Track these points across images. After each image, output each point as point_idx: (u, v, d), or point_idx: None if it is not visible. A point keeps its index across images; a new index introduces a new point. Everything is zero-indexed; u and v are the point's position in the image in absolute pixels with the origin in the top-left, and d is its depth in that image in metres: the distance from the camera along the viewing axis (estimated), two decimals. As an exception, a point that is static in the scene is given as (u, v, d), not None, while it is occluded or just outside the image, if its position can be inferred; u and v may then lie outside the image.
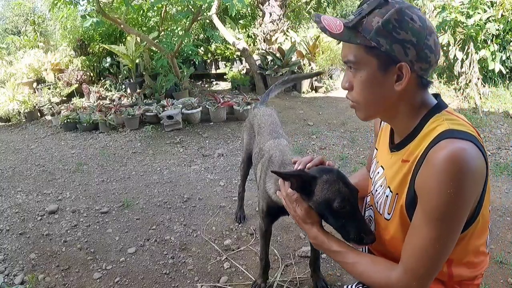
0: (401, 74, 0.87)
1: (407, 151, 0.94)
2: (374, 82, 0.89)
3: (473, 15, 5.32)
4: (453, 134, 0.83)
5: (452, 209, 0.82)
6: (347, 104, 5.19)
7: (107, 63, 7.04)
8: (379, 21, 0.84)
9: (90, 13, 5.28)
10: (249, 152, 2.13)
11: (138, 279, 2.01)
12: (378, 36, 0.84)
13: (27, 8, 11.31)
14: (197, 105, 5.11)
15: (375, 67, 0.88)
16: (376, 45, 0.85)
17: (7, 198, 3.12)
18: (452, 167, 0.79)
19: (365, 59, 0.88)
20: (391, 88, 0.89)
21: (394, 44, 0.84)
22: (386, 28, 0.84)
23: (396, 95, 0.90)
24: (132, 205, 2.84)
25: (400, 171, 0.94)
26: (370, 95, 0.92)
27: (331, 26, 0.89)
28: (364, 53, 0.88)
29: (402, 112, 0.94)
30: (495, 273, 1.92)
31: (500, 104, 5.03)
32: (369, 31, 0.85)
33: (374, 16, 0.86)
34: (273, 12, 7.10)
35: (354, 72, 0.92)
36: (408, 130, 0.95)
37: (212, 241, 2.30)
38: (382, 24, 0.84)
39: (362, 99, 0.93)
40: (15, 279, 2.05)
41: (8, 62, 7.40)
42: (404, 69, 0.85)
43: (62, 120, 5.05)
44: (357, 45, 0.87)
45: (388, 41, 0.84)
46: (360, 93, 0.92)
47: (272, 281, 1.92)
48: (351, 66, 0.91)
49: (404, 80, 0.87)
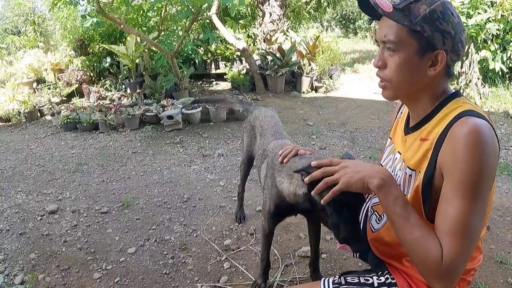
0: (435, 61, 0.94)
1: (424, 130, 0.99)
2: (411, 65, 0.95)
3: (474, 15, 5.33)
4: (473, 113, 0.91)
5: (480, 178, 0.86)
6: (347, 104, 5.21)
7: (107, 63, 7.04)
8: (427, 9, 0.91)
9: (90, 13, 5.28)
10: (249, 153, 2.12)
11: (138, 279, 2.01)
12: (423, 22, 0.91)
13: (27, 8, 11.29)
14: (197, 105, 5.11)
15: (414, 50, 0.94)
16: (421, 30, 0.91)
17: (7, 198, 3.12)
18: (476, 138, 0.85)
19: (407, 41, 0.94)
20: (424, 72, 0.96)
21: (436, 32, 0.92)
22: (432, 17, 0.91)
23: (426, 80, 0.97)
24: (132, 205, 2.84)
25: (420, 149, 0.98)
26: (403, 76, 0.97)
27: (383, 4, 0.94)
28: (406, 35, 0.94)
29: (426, 96, 1.00)
30: (495, 273, 1.92)
31: (500, 104, 5.03)
32: (415, 16, 0.92)
33: (422, 4, 0.93)
34: (273, 12, 7.10)
35: (391, 52, 0.96)
36: (425, 112, 1.01)
37: (212, 241, 2.30)
38: (429, 12, 0.91)
39: (395, 79, 0.98)
40: (15, 279, 2.04)
41: (8, 62, 7.40)
42: (441, 56, 0.93)
43: (62, 120, 5.05)
44: (401, 27, 0.93)
45: (432, 28, 0.91)
46: (395, 73, 0.98)
47: (272, 281, 1.92)
48: (390, 46, 0.96)
49: (439, 67, 0.94)
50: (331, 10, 12.19)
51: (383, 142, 4.03)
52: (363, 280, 1.11)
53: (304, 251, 2.10)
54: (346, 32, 19.06)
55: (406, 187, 1.04)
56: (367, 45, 13.93)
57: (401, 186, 1.05)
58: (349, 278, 1.12)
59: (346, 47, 12.17)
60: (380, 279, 1.12)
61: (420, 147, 0.98)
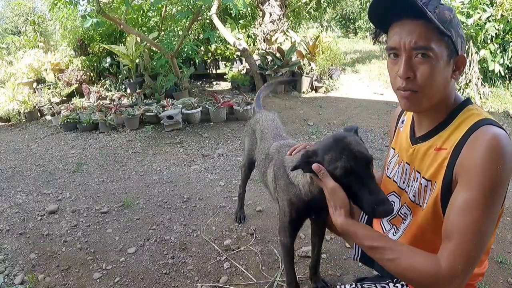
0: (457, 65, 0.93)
1: (439, 139, 0.96)
2: (444, 71, 0.92)
3: (473, 15, 5.32)
4: (491, 122, 0.89)
5: (498, 187, 0.85)
6: (347, 104, 5.20)
7: (107, 63, 7.04)
8: (450, 15, 0.89)
9: (90, 13, 5.27)
10: (250, 157, 2.12)
11: (138, 279, 2.01)
12: (450, 27, 0.89)
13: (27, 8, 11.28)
14: (197, 105, 5.11)
15: (446, 55, 0.91)
16: (450, 34, 0.89)
17: (7, 198, 3.12)
18: (496, 148, 0.84)
19: (441, 47, 0.90)
20: (449, 78, 0.94)
21: (458, 37, 0.91)
22: (456, 21, 0.91)
23: (448, 85, 0.95)
24: (132, 205, 2.84)
25: (435, 159, 0.96)
26: (437, 84, 0.92)
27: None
28: (439, 40, 0.89)
29: (442, 104, 0.97)
30: (495, 273, 1.92)
31: (500, 104, 5.03)
32: (445, 21, 0.88)
33: (444, 10, 0.90)
34: (273, 12, 7.10)
35: (423, 58, 0.89)
36: (438, 120, 0.99)
37: (212, 241, 2.30)
38: (453, 17, 0.90)
39: (428, 88, 0.92)
40: (15, 279, 2.04)
41: (8, 62, 7.40)
42: (462, 60, 0.93)
43: (62, 120, 5.05)
44: (432, 32, 0.87)
45: (456, 33, 0.90)
46: (428, 81, 0.91)
47: (272, 281, 1.92)
48: (424, 52, 0.89)
49: (461, 70, 0.94)
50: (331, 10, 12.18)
51: (383, 142, 4.03)
52: (380, 287, 1.11)
53: (304, 251, 2.10)
54: (346, 32, 19.04)
55: (422, 198, 1.01)
56: (367, 45, 13.92)
57: (416, 197, 1.03)
58: (365, 286, 1.12)
59: (346, 47, 12.17)
60: (397, 286, 1.11)
61: (435, 157, 0.95)
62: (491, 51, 5.38)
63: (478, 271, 1.03)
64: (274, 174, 1.54)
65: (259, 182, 3.06)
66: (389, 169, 1.19)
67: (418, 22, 0.88)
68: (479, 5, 5.33)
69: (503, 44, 5.44)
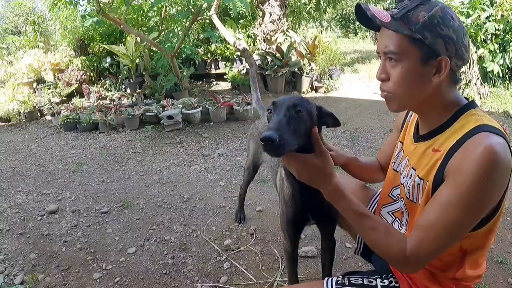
0: (439, 68, 0.92)
1: (437, 141, 0.97)
2: (415, 74, 0.93)
3: (473, 14, 5.33)
4: (490, 129, 0.88)
5: (482, 195, 0.85)
6: (347, 104, 5.21)
7: (107, 63, 7.04)
8: (425, 16, 0.89)
9: (90, 13, 5.28)
10: (255, 161, 2.10)
11: (138, 279, 2.01)
12: (424, 29, 0.89)
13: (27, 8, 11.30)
14: (197, 105, 5.11)
15: (417, 59, 0.91)
16: (422, 37, 0.89)
17: (7, 198, 3.12)
18: (490, 157, 0.82)
19: (408, 50, 0.91)
20: (429, 81, 0.93)
21: (437, 38, 0.89)
22: (432, 23, 0.89)
23: (431, 88, 0.94)
24: (132, 205, 2.84)
25: (431, 159, 0.97)
26: (408, 86, 0.94)
27: (380, 15, 0.92)
28: (407, 44, 0.91)
29: (434, 105, 0.98)
30: (495, 273, 1.92)
31: (500, 104, 5.03)
32: (415, 24, 0.89)
33: (420, 11, 0.90)
34: (273, 12, 7.11)
35: (393, 63, 0.94)
36: (439, 122, 0.99)
37: (212, 241, 2.30)
38: (429, 18, 0.89)
39: (399, 90, 0.95)
40: (15, 279, 2.04)
41: (8, 62, 7.40)
42: (444, 62, 0.90)
43: (62, 120, 5.05)
44: (401, 36, 0.91)
45: (433, 35, 0.89)
46: (399, 84, 0.94)
47: (272, 281, 1.92)
48: (392, 57, 0.93)
49: (443, 74, 0.91)
50: (331, 10, 12.18)
51: (383, 142, 4.03)
52: (367, 281, 1.11)
53: (304, 251, 2.10)
54: (346, 32, 19.04)
55: (415, 195, 1.03)
56: (367, 45, 13.93)
57: (410, 193, 1.05)
58: (352, 279, 1.12)
59: (346, 47, 12.18)
60: (384, 282, 1.11)
61: (431, 158, 0.97)
62: (491, 51, 5.38)
63: (475, 273, 1.02)
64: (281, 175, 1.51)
65: (259, 182, 3.06)
66: (396, 163, 1.20)
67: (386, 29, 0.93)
68: (479, 5, 5.34)
69: (503, 44, 5.44)
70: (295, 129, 0.98)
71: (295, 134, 0.97)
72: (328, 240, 1.54)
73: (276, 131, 0.90)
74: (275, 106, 1.02)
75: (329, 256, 1.57)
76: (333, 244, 1.55)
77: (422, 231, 0.91)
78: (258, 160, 2.08)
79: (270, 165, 1.86)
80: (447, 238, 0.89)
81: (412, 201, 1.05)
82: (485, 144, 0.84)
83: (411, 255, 0.90)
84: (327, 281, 1.12)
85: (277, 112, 0.99)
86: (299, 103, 1.02)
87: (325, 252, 1.58)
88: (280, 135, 0.90)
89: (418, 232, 0.91)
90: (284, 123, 0.96)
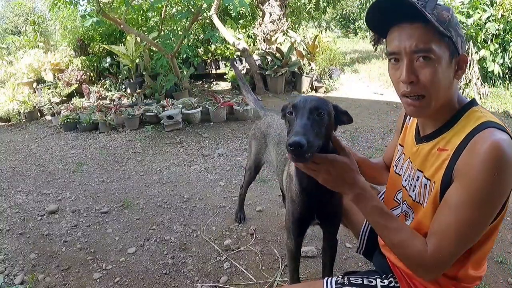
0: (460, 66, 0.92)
1: (443, 139, 0.97)
2: (446, 72, 0.90)
3: (473, 15, 5.33)
4: (494, 125, 0.88)
5: (493, 194, 0.85)
6: (347, 104, 5.20)
7: (107, 63, 7.04)
8: (448, 15, 0.88)
9: (90, 13, 5.27)
10: (257, 161, 2.10)
11: (138, 279, 2.01)
12: (450, 27, 0.88)
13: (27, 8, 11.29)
14: (197, 105, 5.11)
15: (448, 56, 0.90)
16: (450, 35, 0.88)
17: (7, 198, 3.12)
18: (497, 154, 0.82)
19: (442, 48, 0.88)
20: (452, 78, 0.93)
21: (458, 37, 0.90)
22: (454, 21, 0.90)
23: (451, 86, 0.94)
24: (132, 205, 2.84)
25: (437, 159, 0.96)
26: (441, 85, 0.91)
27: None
28: (439, 41, 0.88)
29: (445, 105, 0.96)
30: (495, 273, 1.92)
31: (500, 104, 5.03)
32: (443, 22, 0.87)
33: (442, 10, 0.89)
34: (273, 12, 7.11)
35: (425, 61, 0.88)
36: (442, 121, 0.98)
37: (212, 241, 2.30)
38: (452, 17, 0.89)
39: (433, 90, 0.90)
40: (15, 279, 2.04)
41: (8, 62, 7.39)
42: (465, 60, 0.92)
43: (62, 120, 5.05)
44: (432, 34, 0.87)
45: (456, 33, 0.89)
46: (433, 83, 0.89)
47: (272, 281, 1.92)
48: (425, 55, 0.88)
49: (463, 71, 0.92)
50: (331, 10, 12.18)
51: (383, 142, 4.03)
52: (367, 281, 1.11)
53: (304, 251, 2.10)
54: (346, 32, 19.05)
55: (422, 197, 1.02)
56: (367, 45, 13.91)
57: (416, 195, 1.04)
58: (352, 279, 1.11)
59: (346, 47, 12.18)
60: (384, 282, 1.11)
61: (438, 157, 0.96)
62: (491, 51, 5.38)
63: (476, 274, 1.02)
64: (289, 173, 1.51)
65: (259, 182, 3.06)
66: (398, 166, 1.19)
67: (417, 25, 0.87)
68: (479, 5, 5.34)
69: (503, 44, 5.44)
70: (317, 131, 0.98)
71: (318, 136, 0.97)
72: (330, 241, 1.54)
73: (303, 136, 0.90)
74: (297, 108, 1.02)
75: (330, 256, 1.57)
76: (335, 244, 1.55)
77: (438, 236, 0.90)
78: (260, 161, 2.08)
79: (274, 164, 1.85)
80: (464, 239, 0.89)
81: (419, 203, 1.04)
82: (491, 141, 0.83)
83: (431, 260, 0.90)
84: (327, 281, 1.12)
85: (300, 116, 0.99)
86: (321, 105, 1.02)
87: (326, 252, 1.57)
88: (308, 140, 0.90)
89: (434, 238, 0.91)
90: (309, 127, 0.96)
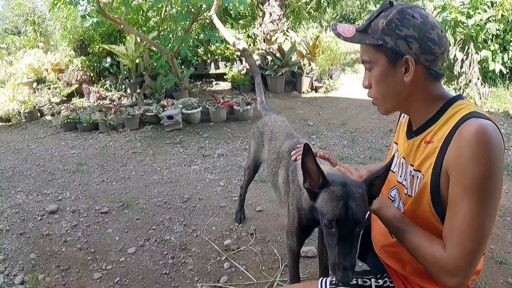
0: (408, 67, 0.95)
1: (429, 133, 0.99)
2: (387, 77, 0.99)
3: (474, 15, 5.32)
4: (478, 115, 0.91)
5: (489, 178, 0.86)
6: (347, 104, 5.22)
7: (107, 63, 7.03)
8: (383, 22, 0.96)
9: (90, 13, 5.27)
10: (256, 160, 2.10)
11: (138, 279, 2.01)
12: (384, 35, 0.95)
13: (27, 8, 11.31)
14: (197, 105, 5.11)
15: (385, 63, 0.98)
16: (383, 42, 0.95)
17: (7, 198, 3.12)
18: (483, 138, 0.85)
19: (376, 57, 0.98)
20: (402, 81, 0.97)
21: (398, 40, 0.94)
22: (390, 27, 0.95)
23: (407, 87, 0.98)
24: (132, 205, 2.84)
25: (424, 151, 0.99)
26: (384, 89, 1.01)
27: (344, 31, 1.01)
28: (374, 51, 0.98)
29: (417, 102, 1.01)
30: (495, 273, 1.92)
31: (500, 104, 5.03)
32: (376, 31, 0.97)
33: (380, 19, 0.97)
34: (273, 12, 7.11)
35: (369, 70, 1.02)
36: (427, 116, 1.02)
37: (212, 241, 2.30)
38: (386, 24, 0.95)
39: (379, 95, 1.03)
40: (15, 279, 2.04)
41: (8, 62, 7.39)
42: (409, 61, 0.94)
43: (62, 120, 5.05)
44: (368, 46, 0.99)
45: (393, 38, 0.94)
46: (376, 89, 1.02)
47: (272, 281, 1.92)
48: (366, 66, 1.02)
49: (410, 71, 0.95)
50: (331, 10, 12.18)
51: (383, 142, 4.03)
52: (361, 282, 1.11)
53: (304, 251, 2.10)
54: (346, 32, 19.02)
55: (411, 189, 1.04)
56: (367, 45, 13.88)
57: (408, 188, 1.06)
58: None
59: (346, 47, 12.15)
60: (379, 282, 1.12)
61: (424, 150, 0.99)
62: (492, 51, 5.38)
63: None
64: (286, 175, 1.49)
65: (259, 182, 3.06)
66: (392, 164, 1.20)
67: None
68: (480, 6, 5.34)
69: (503, 44, 5.44)
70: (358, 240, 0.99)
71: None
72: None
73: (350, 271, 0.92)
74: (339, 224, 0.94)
75: (327, 257, 1.55)
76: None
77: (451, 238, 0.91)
78: (258, 160, 2.09)
79: (268, 163, 1.86)
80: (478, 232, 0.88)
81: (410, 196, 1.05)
82: (475, 128, 0.86)
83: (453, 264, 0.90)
84: (321, 281, 1.13)
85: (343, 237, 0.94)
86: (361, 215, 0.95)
87: (323, 252, 1.58)
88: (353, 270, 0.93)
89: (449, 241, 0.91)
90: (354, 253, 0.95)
